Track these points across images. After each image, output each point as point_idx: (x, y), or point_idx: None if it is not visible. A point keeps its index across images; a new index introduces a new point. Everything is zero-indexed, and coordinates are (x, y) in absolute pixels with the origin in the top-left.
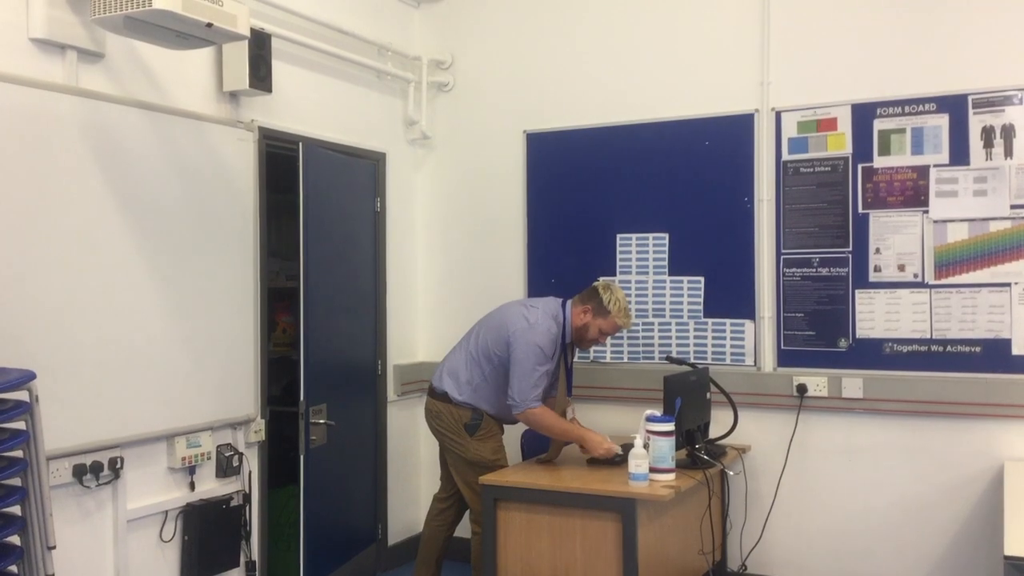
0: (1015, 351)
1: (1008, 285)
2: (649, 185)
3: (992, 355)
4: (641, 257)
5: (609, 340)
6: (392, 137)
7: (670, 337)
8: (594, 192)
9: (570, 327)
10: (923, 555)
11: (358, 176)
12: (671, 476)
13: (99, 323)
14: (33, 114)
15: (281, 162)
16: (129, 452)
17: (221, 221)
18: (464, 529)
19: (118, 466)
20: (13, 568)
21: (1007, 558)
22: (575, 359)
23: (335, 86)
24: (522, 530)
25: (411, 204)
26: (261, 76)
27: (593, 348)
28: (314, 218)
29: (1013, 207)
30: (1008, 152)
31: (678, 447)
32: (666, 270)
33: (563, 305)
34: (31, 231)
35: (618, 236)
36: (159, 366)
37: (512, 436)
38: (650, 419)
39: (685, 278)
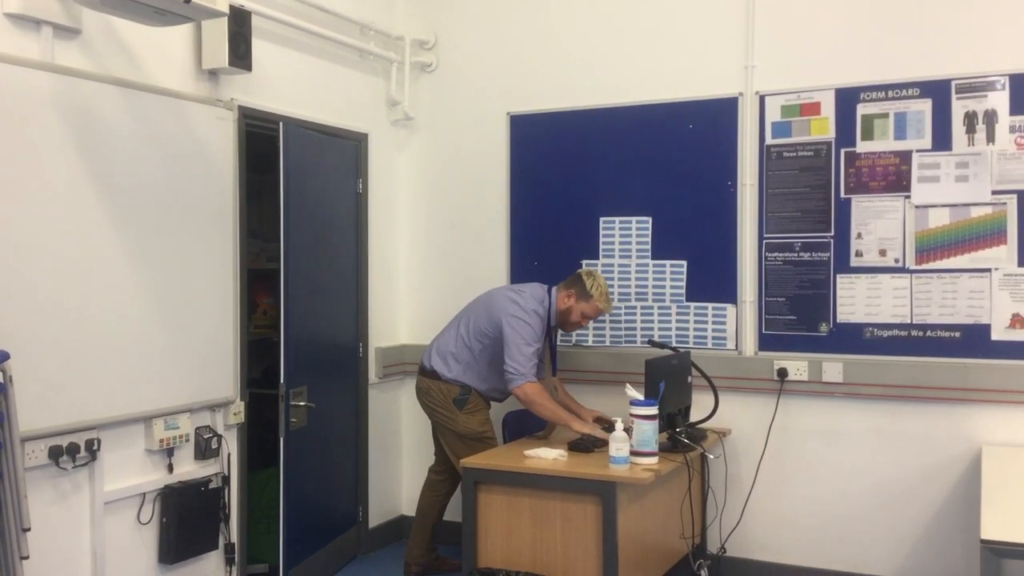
0: (994, 336)
1: (988, 271)
2: (633, 168)
3: (971, 340)
4: (624, 240)
5: (592, 324)
6: (374, 118)
7: (652, 321)
8: (578, 175)
9: (555, 311)
10: (901, 538)
11: (340, 157)
12: (654, 460)
13: (76, 303)
14: (8, 91)
15: (261, 142)
16: (106, 434)
17: (200, 201)
18: (456, 513)
19: (95, 448)
20: None
21: (984, 542)
22: (559, 341)
23: (316, 65)
24: (503, 513)
25: (394, 185)
26: (241, 54)
27: (576, 332)
28: (295, 199)
29: (994, 193)
30: (990, 138)
31: (660, 430)
32: (649, 254)
33: (548, 291)
34: (5, 210)
35: (601, 219)
36: (137, 347)
37: (495, 418)
38: (633, 403)
39: (668, 262)
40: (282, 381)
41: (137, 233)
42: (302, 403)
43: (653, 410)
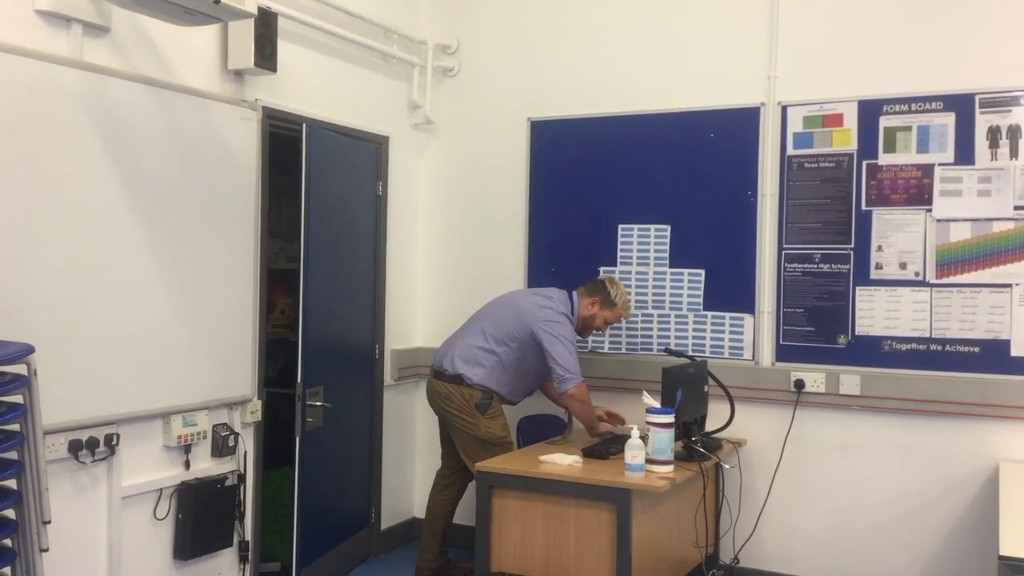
0: (1014, 352)
1: (1009, 286)
2: (652, 176)
3: (991, 356)
4: (642, 248)
5: (608, 330)
6: (396, 121)
7: (669, 329)
8: (597, 181)
9: (576, 317)
10: (917, 554)
11: (360, 159)
12: (669, 468)
13: (98, 299)
14: (36, 87)
15: (284, 143)
16: (125, 429)
17: (222, 200)
18: (467, 517)
19: (114, 443)
20: (8, 542)
21: (1002, 558)
22: None
23: (340, 68)
24: (517, 517)
25: (413, 189)
26: (266, 55)
27: (592, 338)
28: (315, 200)
29: (1016, 208)
30: (1013, 153)
31: (675, 439)
32: (667, 262)
33: (570, 295)
34: (32, 206)
35: (619, 226)
36: (157, 344)
37: (509, 422)
38: (650, 411)
39: (686, 271)
40: (299, 381)
41: (160, 231)
42: (318, 403)
43: (670, 418)
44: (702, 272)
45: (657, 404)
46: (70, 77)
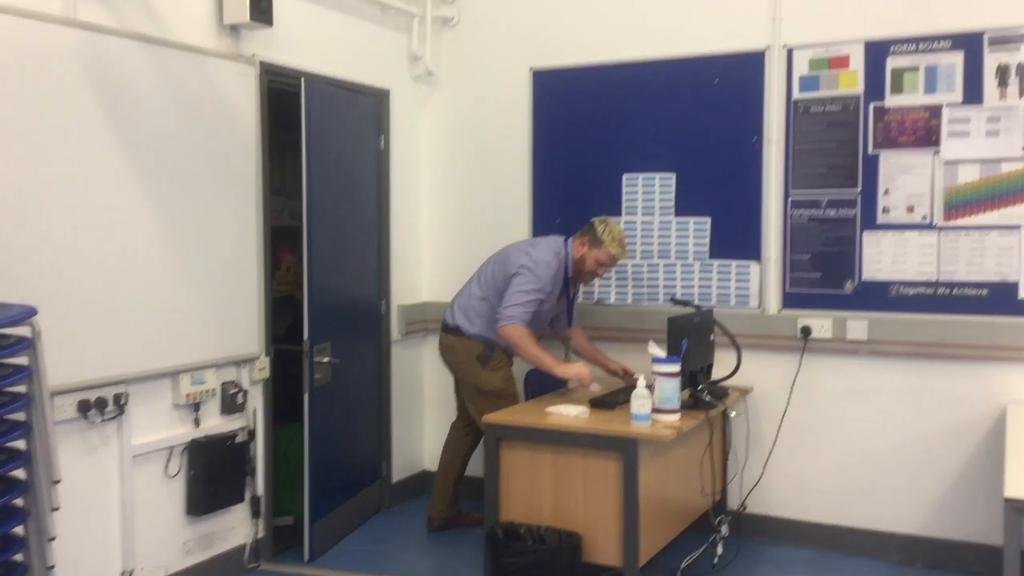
0: (1022, 295)
1: (1018, 227)
2: (656, 124)
3: (999, 298)
4: (647, 197)
5: (614, 280)
6: (396, 73)
7: (675, 278)
8: (601, 131)
9: (571, 261)
10: (923, 496)
11: (361, 113)
12: (676, 417)
13: (101, 259)
14: (31, 47)
15: (283, 98)
16: (134, 388)
17: (223, 158)
18: (478, 469)
19: (123, 402)
20: (19, 501)
21: (1008, 500)
22: (579, 297)
23: (337, 20)
24: (525, 469)
25: (415, 142)
26: (262, 9)
27: (597, 286)
28: (317, 156)
29: None
30: (1022, 91)
31: (682, 388)
32: (673, 210)
33: (565, 242)
34: (31, 166)
35: (624, 176)
36: (162, 303)
37: (516, 375)
38: (656, 360)
39: (691, 219)
40: (306, 337)
41: (161, 190)
42: (326, 359)
43: (676, 367)
44: (708, 220)
45: (663, 354)
46: (65, 36)
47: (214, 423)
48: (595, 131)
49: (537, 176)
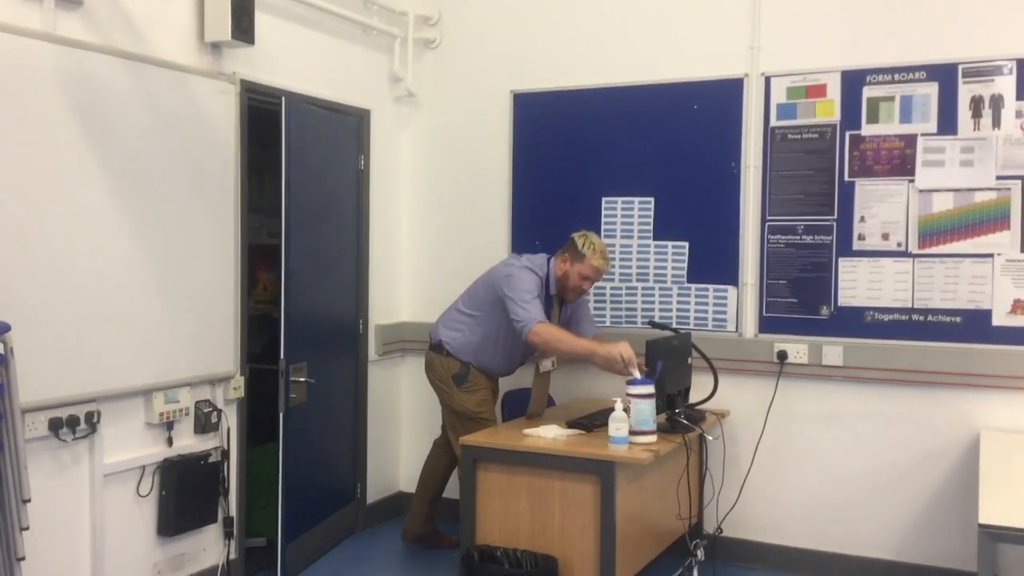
0: (995, 322)
1: (991, 256)
2: (636, 148)
3: (972, 325)
4: (626, 221)
5: (592, 303)
6: (377, 94)
7: (653, 302)
8: (580, 154)
9: (553, 279)
10: (897, 521)
11: (342, 133)
12: (652, 438)
13: (77, 276)
14: (9, 61)
15: (264, 116)
16: (106, 407)
17: (202, 175)
18: (456, 491)
19: (95, 420)
20: None
21: (982, 526)
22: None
23: (319, 40)
24: (501, 491)
25: (396, 163)
26: (244, 27)
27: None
28: (296, 174)
29: (999, 178)
30: (996, 123)
31: (659, 411)
32: (651, 234)
33: (548, 261)
34: (7, 182)
35: (604, 199)
36: (137, 320)
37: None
38: (630, 382)
39: (670, 243)
40: (282, 356)
41: (139, 206)
42: (302, 379)
43: (650, 388)
44: (686, 244)
45: (638, 375)
46: (44, 51)
47: (187, 442)
48: (575, 154)
49: (517, 198)
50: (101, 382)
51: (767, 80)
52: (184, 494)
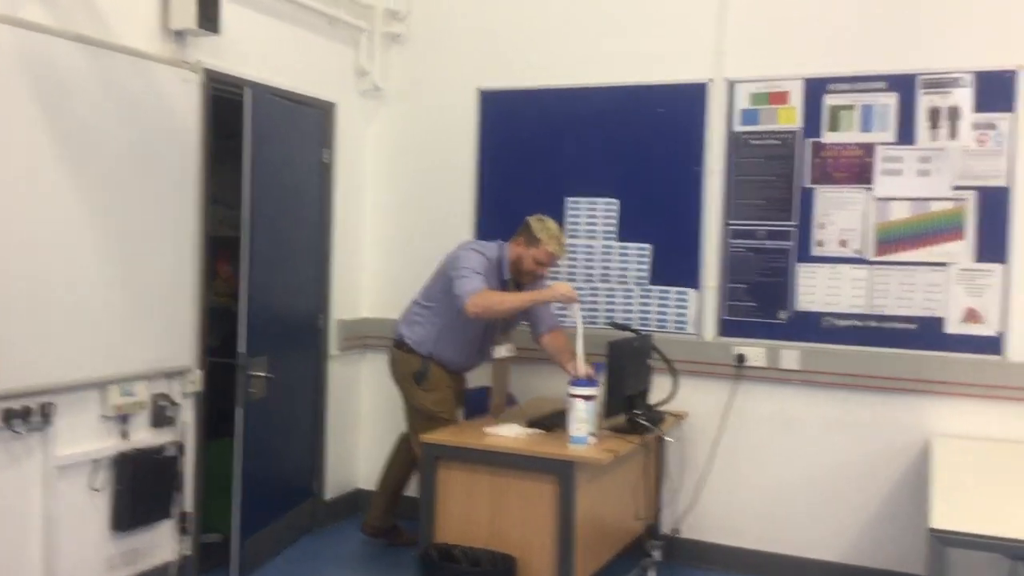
0: (948, 330)
1: (945, 265)
2: (601, 150)
3: (926, 332)
4: (591, 222)
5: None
6: (343, 87)
7: (615, 303)
8: (546, 154)
9: (507, 263)
10: (852, 524)
11: (306, 125)
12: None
13: (31, 266)
14: None
15: (227, 107)
16: (61, 399)
17: (163, 164)
18: (416, 489)
19: (48, 412)
20: None
21: (932, 531)
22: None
23: (285, 31)
24: (461, 489)
25: (360, 157)
26: (209, 16)
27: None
28: (259, 166)
29: (955, 188)
30: (953, 133)
31: (617, 412)
32: (615, 236)
33: (501, 245)
34: None
35: (568, 199)
36: (94, 312)
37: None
38: (573, 383)
39: (633, 245)
40: (240, 351)
41: (97, 195)
42: (261, 374)
43: (593, 391)
44: (649, 246)
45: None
46: (4, 35)
47: (143, 436)
48: (541, 153)
49: (482, 196)
50: (56, 373)
51: (731, 85)
52: (139, 488)
